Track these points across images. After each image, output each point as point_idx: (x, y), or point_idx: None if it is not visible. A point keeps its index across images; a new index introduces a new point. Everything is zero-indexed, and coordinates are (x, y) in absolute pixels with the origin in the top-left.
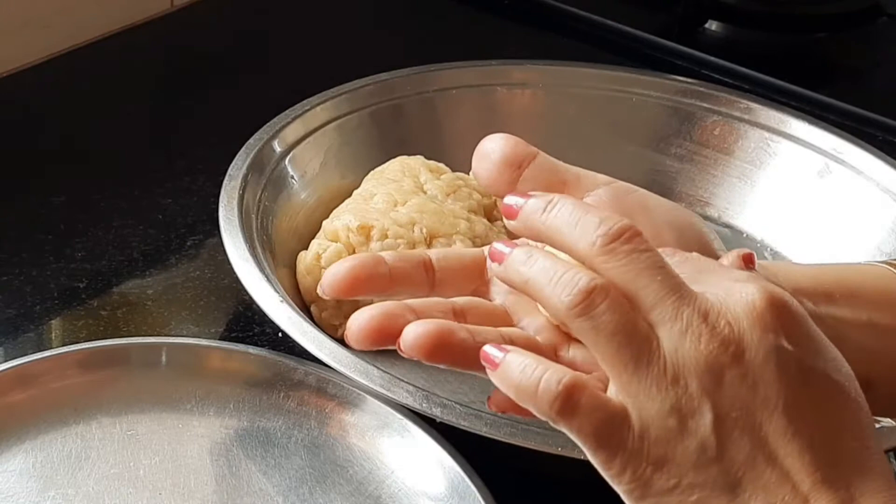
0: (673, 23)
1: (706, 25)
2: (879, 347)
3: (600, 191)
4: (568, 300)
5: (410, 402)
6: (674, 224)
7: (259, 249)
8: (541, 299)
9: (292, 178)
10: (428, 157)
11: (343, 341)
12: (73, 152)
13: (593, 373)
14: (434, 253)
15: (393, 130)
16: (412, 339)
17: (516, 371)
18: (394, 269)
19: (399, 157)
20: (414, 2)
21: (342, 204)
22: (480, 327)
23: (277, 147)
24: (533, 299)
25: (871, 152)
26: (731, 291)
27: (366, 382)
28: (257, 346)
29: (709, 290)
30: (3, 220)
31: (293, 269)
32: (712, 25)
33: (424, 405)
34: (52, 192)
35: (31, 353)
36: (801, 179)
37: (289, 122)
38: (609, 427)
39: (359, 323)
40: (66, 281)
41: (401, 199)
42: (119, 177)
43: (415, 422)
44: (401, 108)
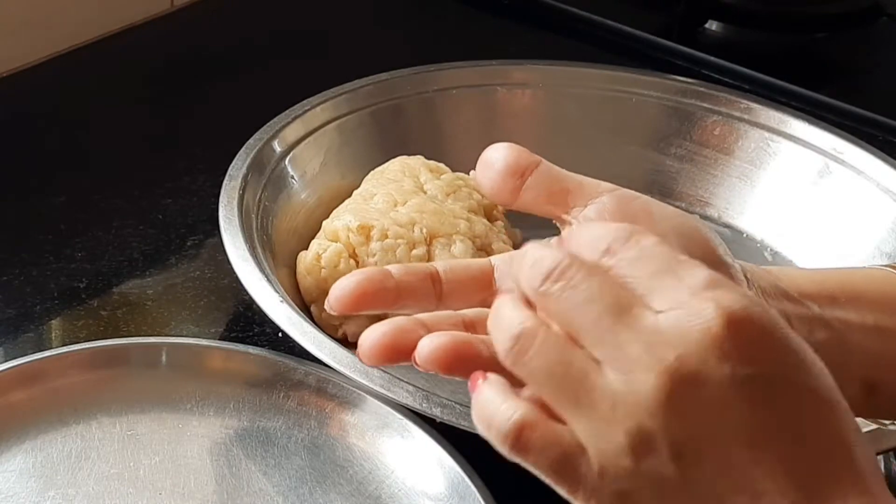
0: (673, 23)
1: (706, 25)
2: (884, 350)
3: (604, 198)
4: (501, 348)
5: (410, 402)
6: (678, 230)
7: (259, 249)
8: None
9: (292, 178)
10: (428, 157)
11: (343, 341)
12: (73, 152)
13: None
14: (440, 265)
15: (393, 130)
16: (428, 352)
17: (480, 404)
18: (401, 282)
19: (399, 157)
20: (414, 2)
21: (342, 204)
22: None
23: (277, 147)
24: None
25: (871, 152)
26: (686, 312)
27: (366, 382)
28: (257, 346)
29: (662, 306)
30: (3, 220)
31: (293, 269)
32: (712, 25)
33: (424, 405)
34: (52, 192)
35: (31, 353)
36: (801, 179)
37: (289, 122)
38: (564, 464)
39: (371, 340)
40: (66, 281)
41: (401, 199)
42: (119, 177)
43: (415, 422)
44: (401, 108)
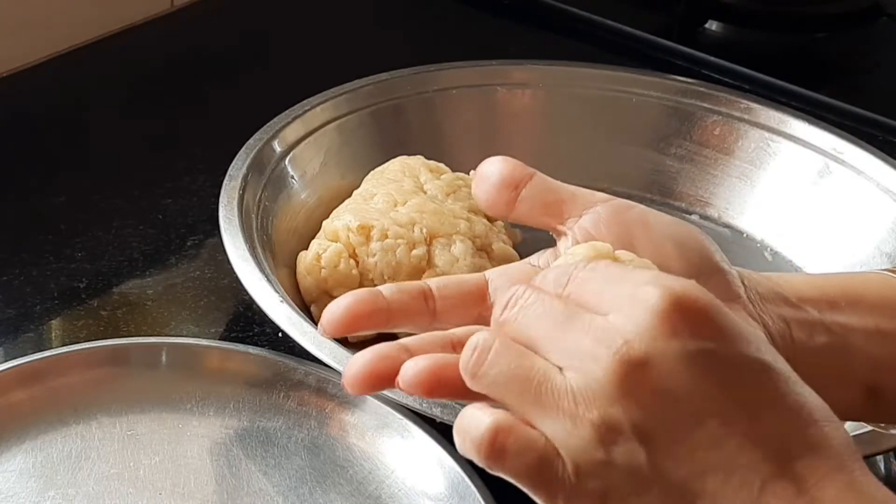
0: (673, 23)
1: (706, 25)
2: (886, 354)
3: (598, 208)
4: (461, 365)
5: (410, 402)
6: (674, 238)
7: (259, 249)
8: None
9: (292, 178)
10: (428, 157)
11: (343, 341)
12: (73, 152)
13: None
14: (434, 282)
15: (393, 130)
16: (410, 376)
17: (458, 420)
18: (392, 301)
19: (399, 157)
20: (414, 2)
21: (342, 204)
22: None
23: (277, 147)
24: None
25: (871, 152)
26: (632, 300)
27: None
28: (257, 346)
29: (611, 305)
30: (3, 220)
31: (293, 269)
32: (712, 25)
33: (424, 405)
34: (52, 192)
35: (31, 353)
36: (801, 179)
37: (289, 122)
38: (541, 467)
39: (354, 370)
40: (66, 281)
41: (401, 199)
42: (119, 177)
43: (415, 422)
44: (401, 108)
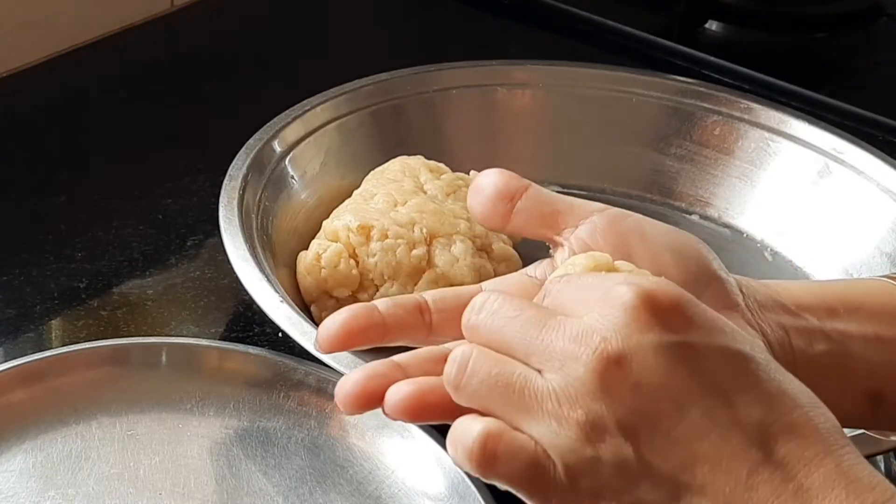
0: (673, 23)
1: (706, 25)
2: (887, 361)
3: (594, 218)
4: (445, 378)
5: None
6: (671, 247)
7: (259, 249)
8: None
9: (292, 178)
10: (428, 157)
11: None
12: (73, 152)
13: None
14: (430, 295)
15: (393, 130)
16: (393, 403)
17: (450, 434)
18: (388, 316)
19: (399, 157)
20: (414, 2)
21: (342, 204)
22: None
23: (277, 147)
24: None
25: (871, 152)
26: (605, 300)
27: None
28: (257, 346)
29: (586, 308)
30: (3, 220)
31: (293, 269)
32: (712, 25)
33: None
34: (52, 192)
35: (31, 353)
36: (801, 179)
37: (289, 122)
38: (532, 470)
39: (346, 390)
40: (66, 281)
41: (401, 199)
42: (119, 177)
43: None
44: (401, 108)
